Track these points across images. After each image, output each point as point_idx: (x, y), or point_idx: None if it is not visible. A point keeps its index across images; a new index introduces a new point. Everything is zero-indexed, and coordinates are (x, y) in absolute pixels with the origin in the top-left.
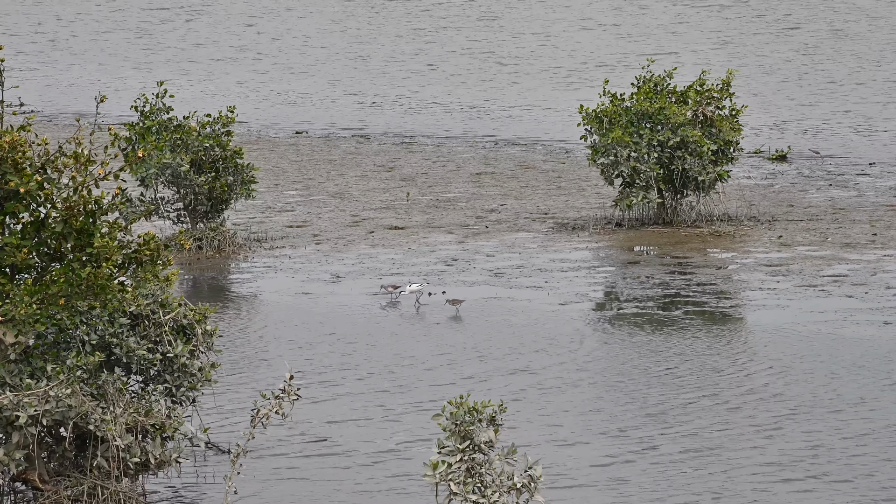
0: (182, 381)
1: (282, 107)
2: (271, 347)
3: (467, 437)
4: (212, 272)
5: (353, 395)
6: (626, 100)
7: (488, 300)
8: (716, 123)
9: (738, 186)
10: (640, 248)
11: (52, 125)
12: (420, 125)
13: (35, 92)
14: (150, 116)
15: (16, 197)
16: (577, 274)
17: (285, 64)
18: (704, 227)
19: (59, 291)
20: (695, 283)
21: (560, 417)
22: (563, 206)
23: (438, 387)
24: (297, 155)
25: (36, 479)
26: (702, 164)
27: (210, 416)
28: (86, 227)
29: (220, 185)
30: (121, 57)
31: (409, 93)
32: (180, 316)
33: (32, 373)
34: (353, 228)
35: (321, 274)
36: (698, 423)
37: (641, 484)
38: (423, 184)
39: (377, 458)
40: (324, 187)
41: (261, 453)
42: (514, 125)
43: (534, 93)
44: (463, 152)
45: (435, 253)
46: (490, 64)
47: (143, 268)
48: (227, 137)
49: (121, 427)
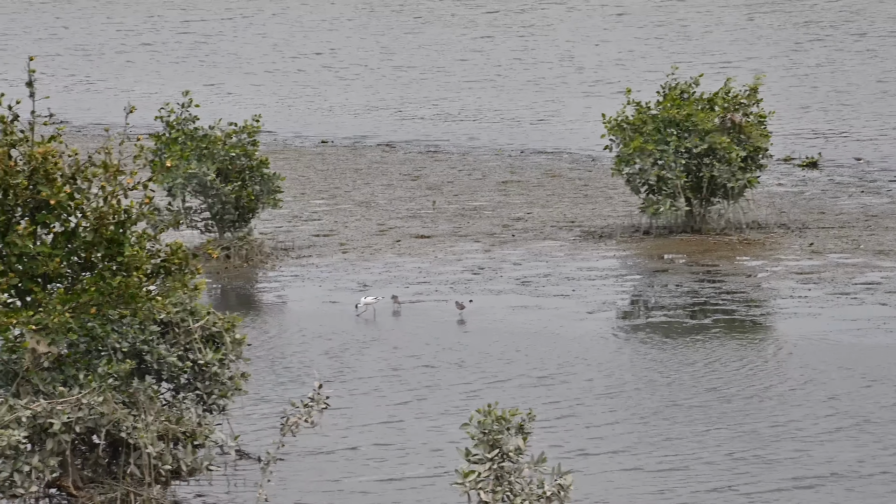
0: (213, 389)
1: (307, 116)
2: (299, 356)
3: (496, 445)
4: (239, 281)
5: (381, 403)
6: (653, 108)
7: (515, 309)
8: (744, 130)
9: (768, 193)
10: (669, 256)
11: (82, 136)
12: (446, 134)
13: (65, 103)
14: (176, 126)
15: (47, 207)
16: (605, 282)
17: (311, 74)
18: (734, 235)
19: (91, 300)
20: (724, 291)
21: (587, 426)
22: (590, 215)
23: (467, 394)
24: (323, 164)
25: (69, 485)
26: (731, 171)
27: (240, 424)
28: (116, 237)
29: (246, 194)
30: (150, 67)
31: (434, 102)
32: (209, 324)
33: (65, 381)
34: (379, 237)
35: (348, 283)
36: (729, 434)
37: (669, 491)
38: (449, 192)
39: (407, 466)
40: (350, 196)
41: (290, 461)
42: (540, 133)
43: (560, 101)
44: (489, 161)
45: (461, 262)
46: (516, 73)
47: (171, 277)
48: (252, 147)
49: (152, 434)
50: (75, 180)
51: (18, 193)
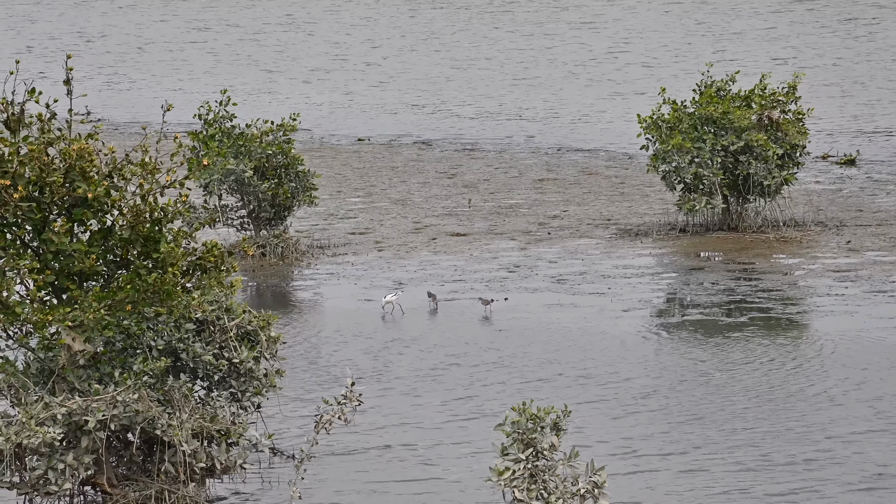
0: (248, 387)
1: (344, 114)
2: (334, 354)
3: (530, 444)
4: (275, 279)
5: (416, 401)
6: (689, 105)
7: (551, 307)
8: (782, 127)
9: (805, 191)
10: (706, 254)
11: (119, 133)
12: (482, 131)
13: (102, 100)
14: (214, 124)
15: (84, 204)
16: (641, 280)
17: (348, 72)
18: (770, 233)
19: (127, 297)
20: (760, 288)
21: (623, 425)
22: (627, 212)
23: (502, 393)
24: (359, 162)
25: (104, 483)
26: (768, 169)
27: (274, 422)
28: (152, 235)
29: (282, 191)
30: (188, 66)
31: (471, 100)
32: (245, 322)
33: (101, 378)
34: (415, 235)
35: (383, 281)
36: (764, 432)
37: (704, 490)
38: (485, 190)
39: (441, 464)
40: (386, 194)
41: (324, 459)
42: (576, 131)
43: (597, 99)
44: (525, 158)
45: (497, 259)
46: (553, 70)
47: (207, 274)
48: (287, 145)
49: (187, 432)
50: (112, 178)
51: (55, 191)
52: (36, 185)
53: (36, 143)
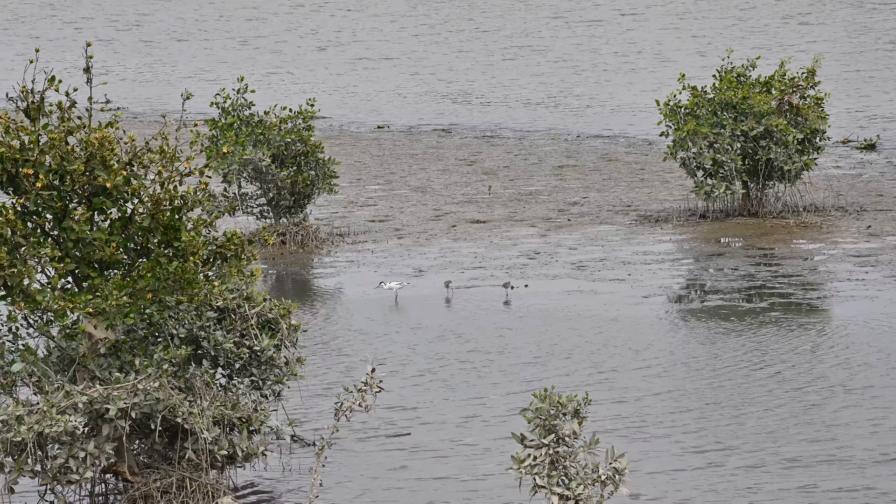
0: (268, 375)
1: (363, 101)
2: (354, 341)
3: (552, 430)
4: (295, 267)
5: (436, 389)
6: (709, 91)
7: (571, 293)
8: (802, 112)
9: (825, 176)
10: (726, 240)
11: (139, 122)
12: (502, 119)
13: (122, 89)
14: (231, 112)
15: (104, 192)
16: (661, 266)
17: (367, 59)
18: (790, 218)
19: (147, 286)
20: (781, 274)
21: (643, 411)
22: (647, 199)
23: (521, 379)
24: (378, 149)
25: (125, 471)
26: (787, 154)
27: (295, 410)
28: (172, 223)
29: (302, 179)
30: (206, 54)
31: (491, 87)
32: (266, 310)
33: (121, 366)
34: (435, 222)
35: (404, 268)
36: (786, 418)
37: (724, 475)
38: (504, 177)
39: (461, 451)
40: (406, 182)
41: (345, 446)
42: (596, 118)
43: (616, 85)
44: (545, 145)
45: (517, 246)
46: (573, 57)
47: (227, 263)
48: (307, 132)
49: (208, 420)
50: (132, 166)
51: (75, 179)
52: (56, 173)
53: (56, 132)
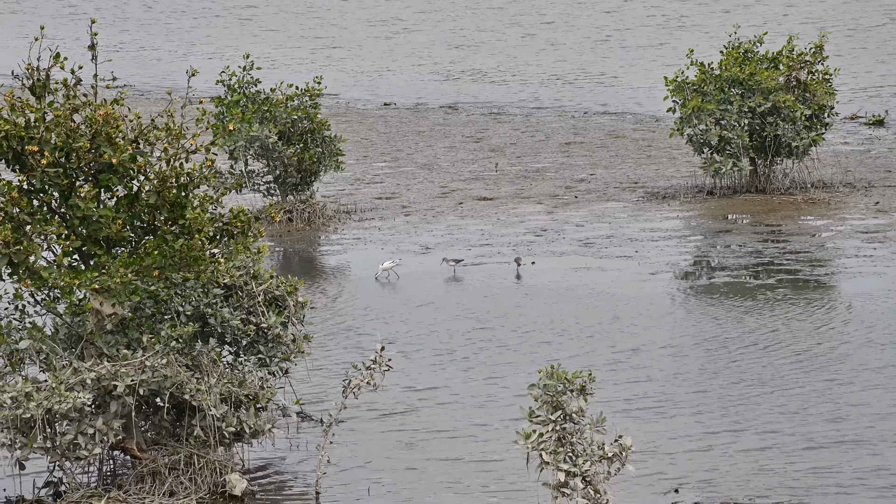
0: (275, 352)
1: (370, 78)
2: (362, 318)
3: (559, 406)
4: (302, 244)
5: (443, 366)
6: (716, 67)
7: (578, 270)
8: (809, 88)
9: (833, 152)
10: (733, 217)
11: (145, 99)
12: (509, 96)
13: (128, 66)
14: (237, 89)
15: (110, 170)
16: (668, 243)
17: (375, 36)
18: (798, 195)
19: (154, 263)
20: (788, 251)
21: (650, 387)
22: (654, 175)
23: (528, 356)
24: (385, 127)
25: (134, 447)
26: (795, 130)
27: (302, 387)
28: (178, 200)
29: (308, 156)
30: (212, 30)
31: (497, 63)
32: (272, 287)
33: (129, 343)
34: (441, 200)
35: (410, 245)
36: (791, 394)
37: (729, 450)
38: (511, 154)
39: (469, 428)
40: (412, 159)
41: (352, 423)
42: (603, 94)
43: (624, 61)
44: (552, 122)
45: (524, 223)
46: (580, 34)
47: (234, 240)
48: (314, 109)
49: (215, 397)
50: (138, 143)
51: (81, 156)
52: (62, 150)
53: (62, 109)
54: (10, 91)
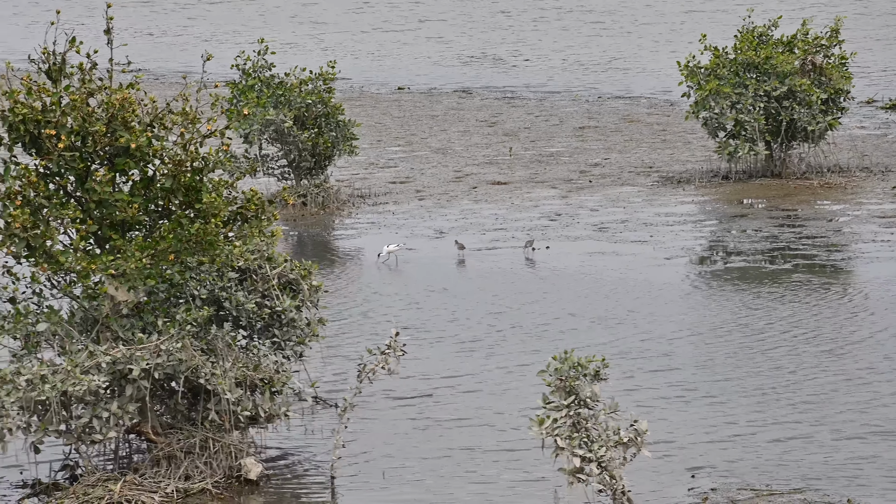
0: (290, 336)
1: (384, 63)
2: (376, 303)
3: (572, 392)
4: (316, 228)
5: (457, 351)
6: (731, 51)
7: (592, 255)
8: (825, 72)
9: (850, 136)
10: (749, 201)
11: (160, 83)
12: (523, 80)
13: (143, 50)
14: (252, 74)
15: (125, 154)
16: (683, 228)
17: (388, 20)
18: (814, 179)
19: (169, 247)
20: (804, 235)
21: (665, 371)
22: (669, 160)
23: (543, 341)
24: (399, 111)
25: (149, 431)
26: (811, 114)
27: (317, 371)
28: (193, 184)
29: (323, 141)
30: (227, 14)
31: (511, 47)
32: (287, 271)
33: (144, 327)
34: (455, 184)
35: (424, 230)
36: (807, 381)
37: (745, 436)
38: (525, 139)
39: (482, 414)
40: (426, 143)
41: (367, 407)
42: (617, 78)
43: (639, 46)
44: (566, 106)
45: (538, 208)
46: (593, 18)
47: (248, 224)
48: (328, 94)
49: (230, 381)
50: (153, 127)
51: (97, 140)
52: (78, 134)
53: (78, 93)
54: (27, 75)
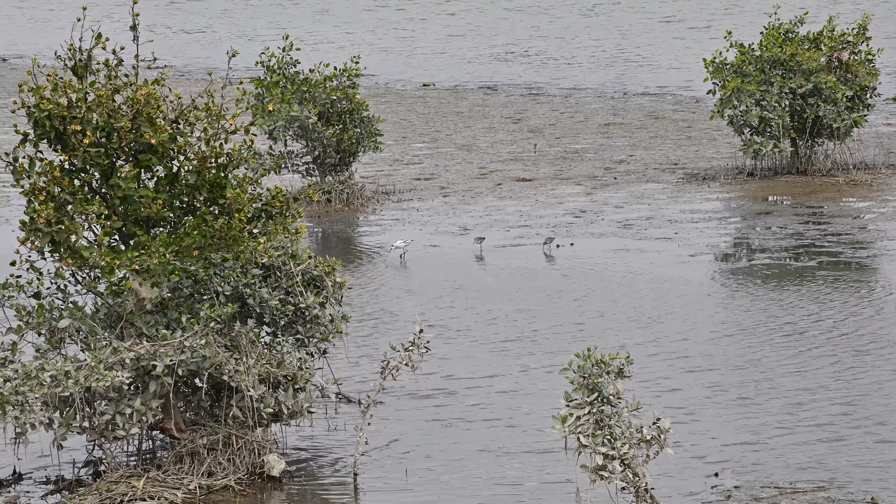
0: (314, 333)
1: (409, 59)
2: (399, 300)
3: (595, 389)
4: (340, 225)
5: (481, 348)
6: (756, 48)
7: (617, 252)
8: (851, 68)
9: (876, 134)
10: (774, 198)
11: (185, 80)
12: (548, 76)
13: (169, 47)
14: (276, 70)
15: (150, 150)
16: (708, 225)
17: (413, 17)
18: (840, 176)
19: (193, 243)
20: (830, 232)
21: (688, 369)
22: (694, 157)
23: (567, 338)
24: (424, 107)
25: (172, 427)
26: (837, 111)
27: (340, 368)
28: (218, 180)
29: (347, 137)
30: (256, 12)
31: (536, 44)
32: (311, 268)
33: (168, 324)
34: (480, 181)
35: (449, 226)
36: (833, 379)
37: (772, 440)
38: (550, 135)
39: (508, 414)
40: (451, 139)
41: (390, 405)
42: (643, 75)
43: (665, 43)
44: (591, 103)
45: (563, 205)
46: (618, 14)
47: (273, 220)
48: (352, 90)
49: (254, 378)
50: (178, 124)
51: (122, 136)
52: (104, 130)
53: (103, 90)
54: (53, 72)
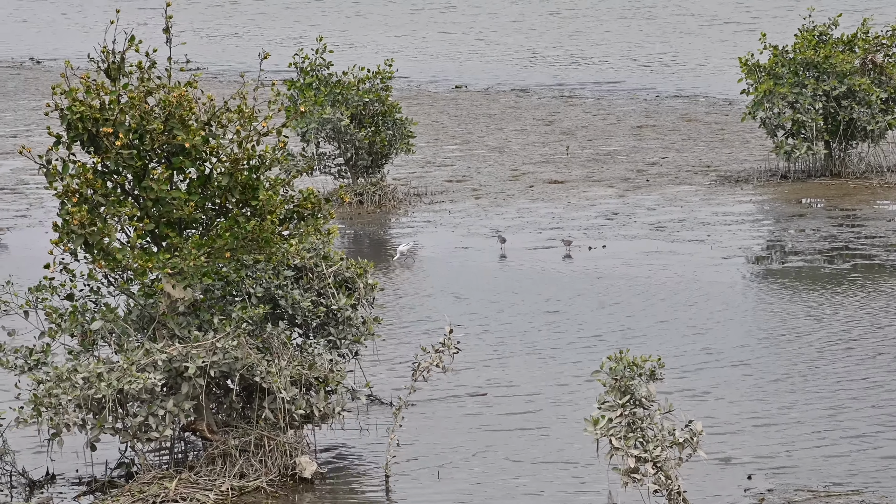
0: (345, 334)
1: (441, 61)
2: (431, 301)
3: (627, 391)
4: (372, 227)
5: (511, 350)
6: (790, 51)
7: (649, 254)
8: (886, 71)
9: None
10: (807, 201)
11: (218, 82)
12: (580, 78)
13: (201, 49)
14: (310, 72)
15: (182, 152)
16: (741, 227)
17: (445, 19)
18: (874, 178)
19: (226, 245)
20: (864, 235)
21: (721, 373)
22: (727, 159)
23: (598, 340)
24: (456, 109)
25: (204, 429)
26: (871, 114)
27: (371, 369)
28: (250, 182)
29: (380, 139)
30: (288, 14)
31: (568, 46)
32: (343, 269)
33: (200, 325)
34: (512, 183)
35: (481, 228)
36: (868, 386)
37: (808, 444)
38: (582, 137)
39: (538, 413)
40: (483, 142)
41: (421, 406)
42: (676, 77)
43: (698, 44)
44: (623, 105)
45: (595, 207)
46: (651, 17)
47: (305, 222)
48: (385, 92)
49: (286, 379)
50: (210, 125)
51: (154, 138)
52: (136, 132)
53: (136, 92)
54: (86, 74)
